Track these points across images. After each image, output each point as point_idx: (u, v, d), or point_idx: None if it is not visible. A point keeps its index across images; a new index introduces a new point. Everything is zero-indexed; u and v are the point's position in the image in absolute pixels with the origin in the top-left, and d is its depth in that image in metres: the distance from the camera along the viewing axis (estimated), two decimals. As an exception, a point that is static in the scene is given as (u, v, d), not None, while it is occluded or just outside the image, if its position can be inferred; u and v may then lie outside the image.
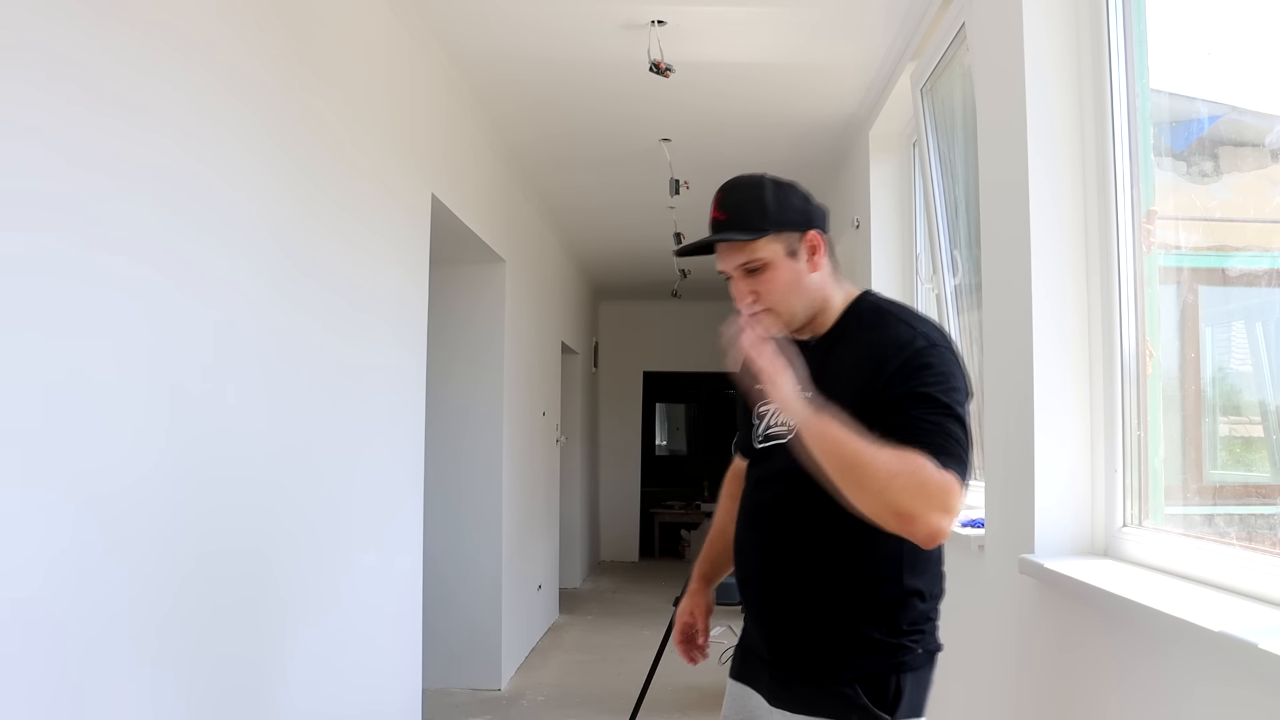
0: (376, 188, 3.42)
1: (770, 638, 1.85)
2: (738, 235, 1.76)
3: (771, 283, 1.77)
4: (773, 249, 1.77)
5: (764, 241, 1.76)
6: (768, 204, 1.78)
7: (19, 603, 1.66)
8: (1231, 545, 1.87)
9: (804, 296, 1.80)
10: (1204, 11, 2.23)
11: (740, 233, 1.76)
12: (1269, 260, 2.00)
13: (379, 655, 3.48)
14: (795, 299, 1.79)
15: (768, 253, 1.76)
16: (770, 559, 1.82)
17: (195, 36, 2.22)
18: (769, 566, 1.83)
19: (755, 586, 1.87)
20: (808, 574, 1.77)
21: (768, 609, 1.85)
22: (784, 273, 1.77)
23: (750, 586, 1.89)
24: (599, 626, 7.37)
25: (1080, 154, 2.36)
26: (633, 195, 6.21)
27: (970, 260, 3.38)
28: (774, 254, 1.77)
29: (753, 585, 1.88)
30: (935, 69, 3.56)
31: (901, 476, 1.53)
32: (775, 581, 1.82)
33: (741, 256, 1.77)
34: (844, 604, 1.75)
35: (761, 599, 1.86)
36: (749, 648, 1.94)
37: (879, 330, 1.74)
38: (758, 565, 1.85)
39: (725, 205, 1.80)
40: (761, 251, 1.76)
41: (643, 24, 3.68)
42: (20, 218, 1.68)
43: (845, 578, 1.75)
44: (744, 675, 1.93)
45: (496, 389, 5.49)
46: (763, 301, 1.77)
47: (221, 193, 2.34)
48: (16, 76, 1.66)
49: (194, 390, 2.22)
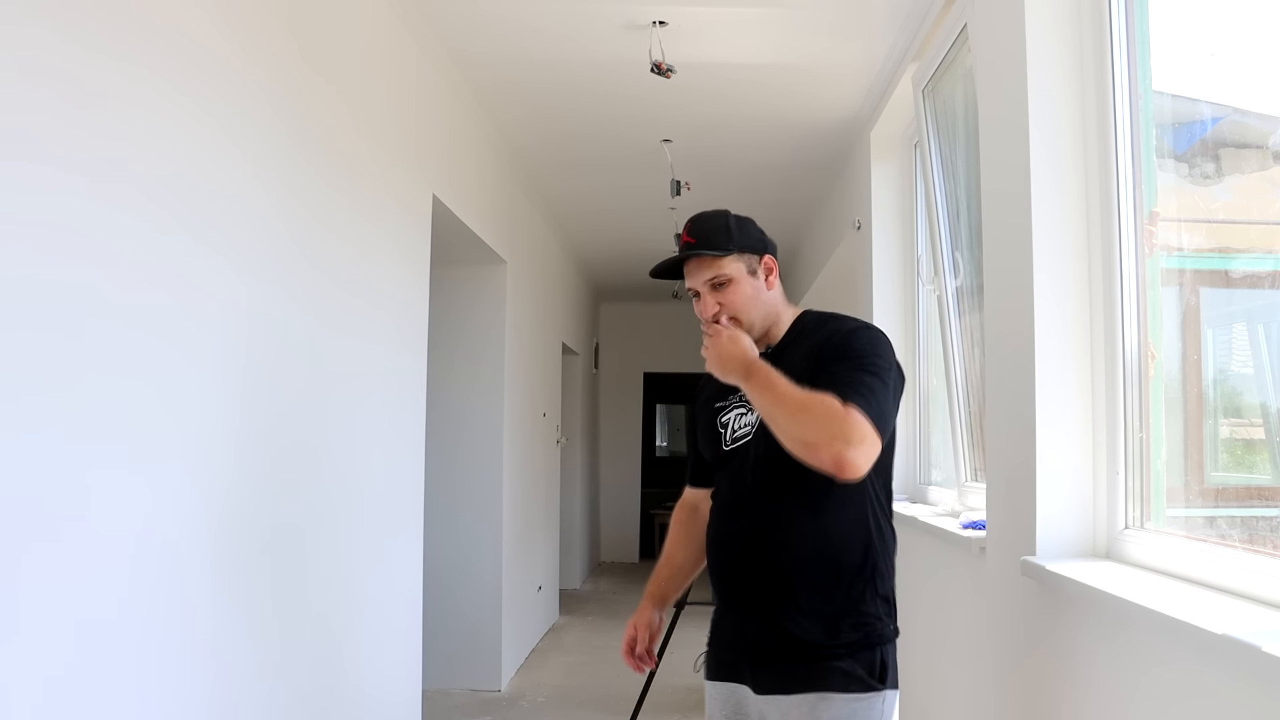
0: (378, 189, 3.42)
1: (759, 623, 1.96)
2: (709, 251, 2.02)
3: (735, 295, 2.03)
4: (736, 266, 2.03)
5: (729, 259, 2.02)
6: (731, 229, 2.05)
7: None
8: (1234, 548, 1.86)
9: (761, 310, 2.06)
10: (1207, 13, 2.22)
11: (710, 250, 2.02)
12: (1271, 262, 1.99)
13: (379, 656, 3.48)
14: (754, 311, 2.04)
15: (732, 269, 2.03)
16: (756, 543, 1.98)
17: (199, 38, 2.22)
18: (755, 551, 1.97)
19: (740, 575, 2.00)
20: (796, 550, 1.94)
21: (755, 594, 1.97)
22: (745, 287, 2.04)
23: (733, 578, 2.02)
24: (599, 627, 7.36)
25: (1082, 156, 2.36)
26: (634, 196, 6.21)
27: (972, 262, 3.37)
28: (737, 271, 2.03)
29: (736, 575, 2.01)
30: (937, 70, 3.56)
31: (808, 411, 1.78)
32: (763, 564, 1.96)
33: (710, 272, 2.03)
34: (841, 576, 1.93)
35: (747, 586, 1.99)
36: (723, 646, 2.08)
37: (821, 330, 2.02)
38: (742, 553, 2.00)
39: (694, 232, 2.05)
40: (727, 268, 2.02)
41: (644, 25, 3.68)
42: (14, 230, 1.68)
43: (829, 550, 1.94)
44: (722, 674, 2.07)
45: (497, 390, 5.49)
46: (726, 311, 2.03)
47: (221, 196, 2.34)
48: (14, 82, 1.66)
49: (193, 391, 2.22)
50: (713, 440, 2.10)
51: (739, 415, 2.06)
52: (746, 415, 2.04)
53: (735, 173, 5.68)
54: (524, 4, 3.59)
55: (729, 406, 2.08)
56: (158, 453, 2.07)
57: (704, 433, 2.14)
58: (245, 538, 2.46)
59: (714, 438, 2.10)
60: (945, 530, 3.12)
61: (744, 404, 2.04)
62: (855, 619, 1.92)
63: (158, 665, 2.08)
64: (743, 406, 2.05)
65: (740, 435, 2.04)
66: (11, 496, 1.65)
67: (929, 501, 3.95)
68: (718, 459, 2.10)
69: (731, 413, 2.07)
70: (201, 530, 2.25)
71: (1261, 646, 1.36)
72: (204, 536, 2.26)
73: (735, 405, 2.07)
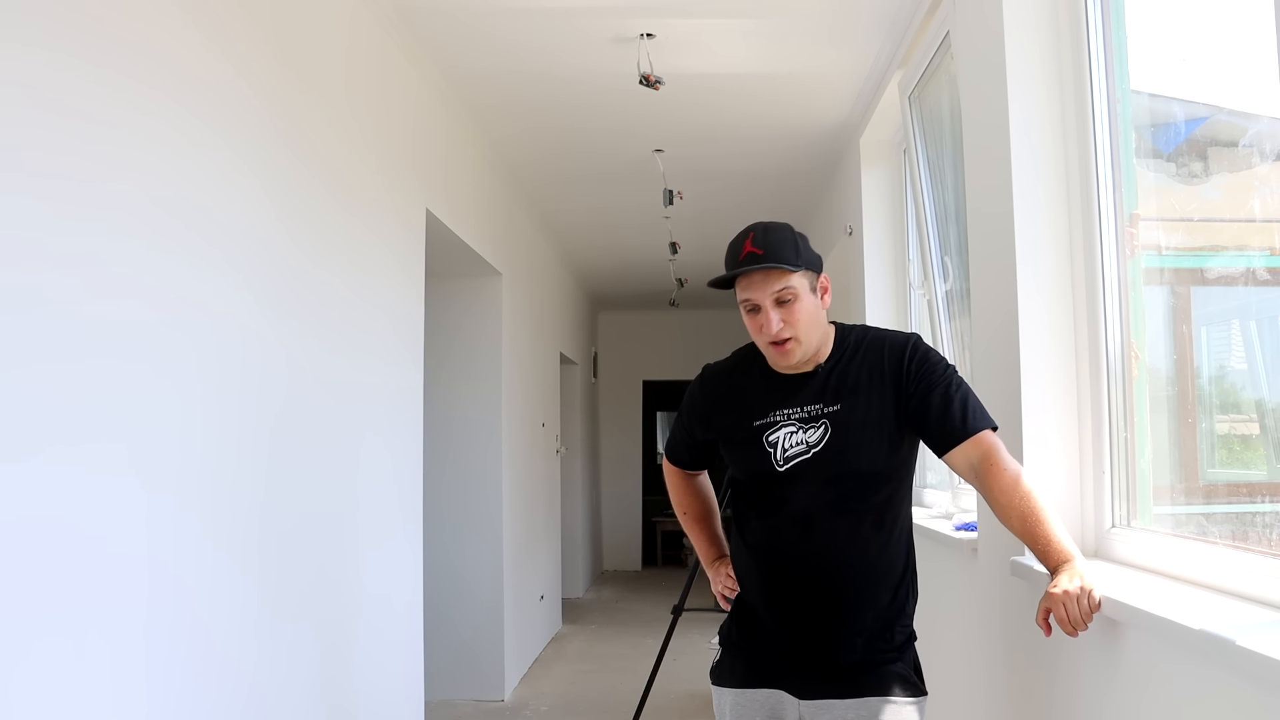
0: (372, 205, 3.45)
1: (818, 632, 2.03)
2: (782, 264, 1.98)
3: (799, 313, 2.01)
4: (802, 282, 2.02)
5: (798, 274, 2.01)
6: (798, 246, 2.03)
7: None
8: (1216, 544, 1.89)
9: (818, 329, 2.06)
10: (1190, 12, 2.24)
11: (781, 263, 1.98)
12: (1261, 260, 2.01)
13: (381, 667, 3.50)
14: (813, 330, 2.05)
15: (799, 285, 2.01)
16: (831, 560, 2.03)
17: (188, 57, 2.25)
18: (829, 568, 2.03)
19: (808, 591, 2.04)
20: (868, 565, 2.04)
21: (822, 607, 2.03)
22: (808, 304, 2.03)
23: (800, 594, 2.05)
24: (602, 636, 7.38)
25: (1063, 159, 2.39)
26: (628, 206, 6.24)
27: (960, 266, 3.40)
28: (802, 287, 2.02)
29: (804, 592, 2.04)
30: (922, 77, 3.59)
31: (1044, 504, 1.92)
32: (836, 579, 2.03)
33: (779, 285, 2.00)
34: (896, 584, 2.06)
35: (816, 600, 2.04)
36: (759, 654, 2.10)
37: (878, 350, 2.08)
38: (815, 571, 2.04)
39: (761, 243, 2.01)
40: (795, 282, 2.00)
41: (632, 38, 3.72)
42: (11, 248, 1.71)
43: (890, 561, 2.06)
44: (755, 680, 2.10)
45: (495, 401, 5.52)
46: (789, 330, 2.01)
47: (214, 213, 2.37)
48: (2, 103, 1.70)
49: (191, 408, 2.24)
50: (759, 459, 2.06)
51: (789, 434, 2.04)
52: (798, 433, 2.03)
53: (727, 181, 5.72)
54: (513, 21, 3.63)
55: (776, 425, 2.06)
56: (156, 467, 2.10)
57: (743, 450, 2.10)
58: (243, 551, 2.48)
59: (761, 457, 2.06)
60: (939, 532, 3.14)
61: (793, 421, 2.04)
62: (903, 621, 2.08)
63: (163, 679, 2.10)
64: (791, 424, 2.04)
65: (794, 454, 2.03)
66: (14, 508, 1.68)
67: (924, 504, 3.97)
68: (767, 477, 2.06)
69: (780, 431, 2.05)
70: (199, 544, 2.27)
71: (1236, 640, 1.39)
72: (201, 550, 2.28)
73: (783, 424, 2.05)
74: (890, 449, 2.03)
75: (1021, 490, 1.90)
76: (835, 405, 2.02)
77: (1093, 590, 1.75)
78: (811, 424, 2.03)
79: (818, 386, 2.05)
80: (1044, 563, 1.87)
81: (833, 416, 2.02)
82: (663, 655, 4.65)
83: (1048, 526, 1.87)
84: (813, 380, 2.06)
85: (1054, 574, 1.82)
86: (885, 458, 2.03)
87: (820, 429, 2.02)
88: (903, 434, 2.04)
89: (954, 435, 1.99)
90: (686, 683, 5.54)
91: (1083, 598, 1.74)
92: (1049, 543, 1.85)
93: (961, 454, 1.99)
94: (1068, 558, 1.83)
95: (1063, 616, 1.75)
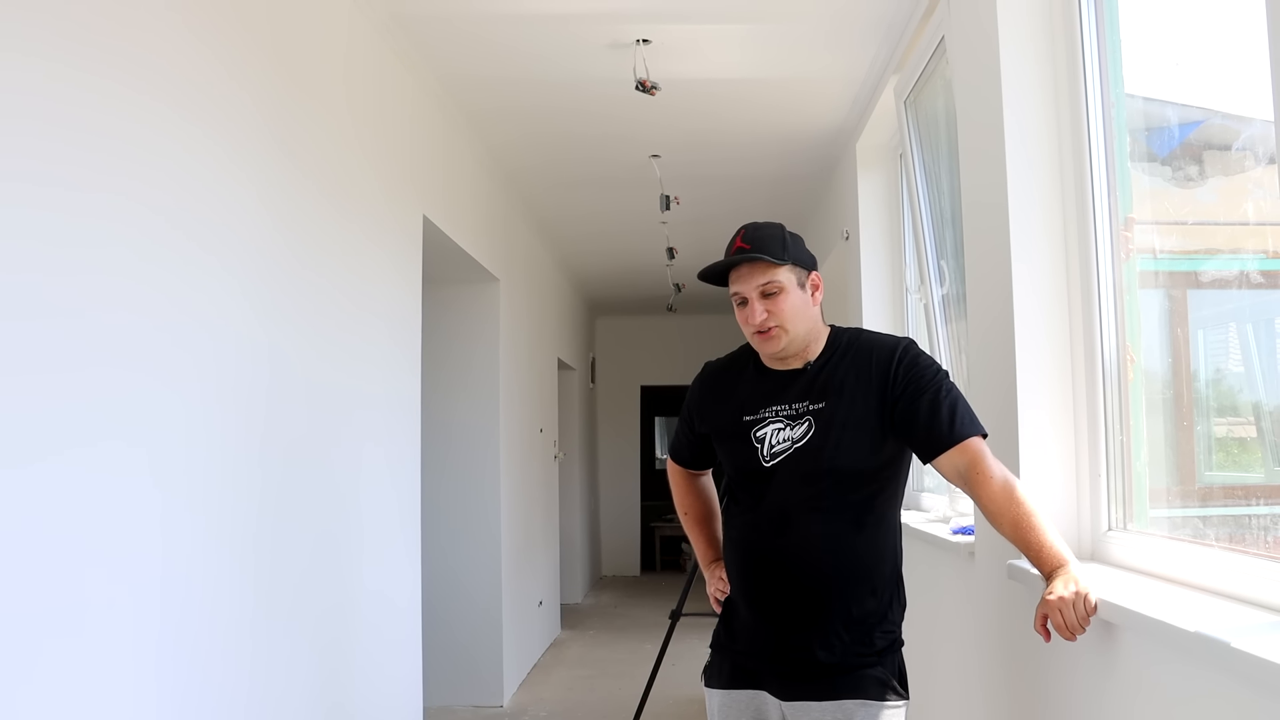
0: (369, 211, 3.45)
1: (797, 633, 2.03)
2: (766, 256, 2.05)
3: (784, 305, 2.06)
4: (788, 277, 2.07)
5: (783, 269, 2.07)
6: (786, 241, 2.09)
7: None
8: (1212, 547, 1.89)
9: (806, 324, 2.10)
10: (1184, 16, 2.24)
11: (768, 255, 2.05)
12: (1256, 263, 2.02)
13: (380, 673, 3.50)
14: (800, 324, 2.08)
15: (784, 279, 2.06)
16: (805, 557, 2.03)
17: (185, 65, 2.26)
18: (804, 565, 2.03)
19: (784, 589, 2.05)
20: (845, 564, 2.03)
21: (798, 606, 2.04)
22: (794, 299, 2.07)
23: (776, 591, 2.06)
24: (601, 641, 7.38)
25: (1058, 163, 2.40)
26: (625, 211, 6.25)
27: (957, 270, 3.41)
28: (789, 281, 2.07)
29: (780, 589, 2.06)
30: (918, 81, 3.60)
31: (1034, 508, 1.92)
32: (812, 578, 2.03)
33: (763, 278, 2.06)
34: (877, 587, 2.05)
35: (792, 598, 2.04)
36: (744, 654, 2.11)
37: (868, 352, 2.10)
38: (790, 568, 2.05)
39: (750, 238, 2.09)
40: (780, 276, 2.06)
41: (628, 43, 3.73)
42: (9, 255, 1.71)
43: (871, 563, 2.05)
44: (739, 681, 2.12)
45: (493, 407, 5.52)
46: (773, 319, 2.06)
47: (212, 221, 2.38)
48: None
49: (192, 414, 2.25)
50: (747, 454, 2.10)
51: (776, 430, 2.07)
52: (785, 430, 2.07)
53: (723, 186, 5.73)
54: (510, 27, 3.64)
55: (764, 421, 2.09)
56: (154, 474, 2.10)
57: (732, 444, 2.14)
58: (240, 558, 2.48)
59: (749, 452, 2.09)
60: (936, 536, 3.15)
61: (781, 418, 2.07)
62: (885, 627, 2.06)
63: (172, 679, 2.10)
64: (780, 421, 2.07)
65: (780, 450, 2.06)
66: (23, 515, 1.69)
67: (921, 508, 3.98)
68: (753, 473, 2.10)
69: (768, 427, 2.08)
70: (196, 550, 2.27)
71: (1232, 643, 1.40)
72: (198, 557, 2.28)
73: (771, 420, 2.08)
74: (871, 450, 2.04)
75: (1012, 496, 1.91)
76: (820, 403, 2.06)
77: (1088, 594, 1.75)
78: (797, 421, 2.06)
79: (805, 384, 2.09)
80: (1038, 568, 1.88)
81: (817, 414, 2.06)
82: (661, 660, 4.65)
83: (1039, 532, 1.87)
84: (801, 378, 2.10)
85: (1049, 579, 1.83)
86: (865, 458, 2.04)
87: (804, 425, 2.05)
88: (885, 437, 2.05)
89: (941, 441, 2.00)
90: (685, 687, 5.53)
91: (1079, 602, 1.74)
92: (1041, 548, 1.86)
93: (949, 461, 2.00)
94: (1061, 562, 1.83)
95: (1060, 622, 1.75)
